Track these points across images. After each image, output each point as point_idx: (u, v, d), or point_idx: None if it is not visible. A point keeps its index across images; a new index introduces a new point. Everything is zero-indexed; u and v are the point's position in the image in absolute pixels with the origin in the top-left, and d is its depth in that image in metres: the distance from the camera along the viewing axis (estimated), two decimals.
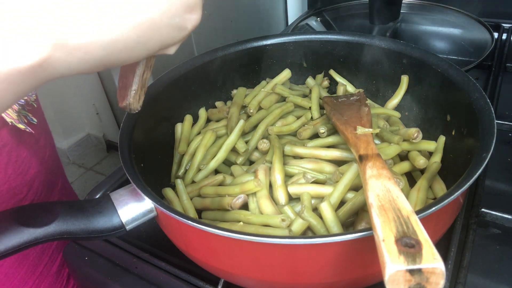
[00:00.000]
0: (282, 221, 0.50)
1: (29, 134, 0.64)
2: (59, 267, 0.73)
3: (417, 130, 0.61)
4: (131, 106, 0.45)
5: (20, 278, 0.67)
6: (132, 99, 0.45)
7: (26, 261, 0.68)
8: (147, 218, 0.48)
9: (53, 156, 0.74)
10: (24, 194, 0.65)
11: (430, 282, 0.30)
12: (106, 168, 2.23)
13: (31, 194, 0.66)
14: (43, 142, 0.70)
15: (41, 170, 0.68)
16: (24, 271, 0.67)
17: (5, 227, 0.42)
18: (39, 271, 0.70)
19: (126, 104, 0.45)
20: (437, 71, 0.62)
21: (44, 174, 0.69)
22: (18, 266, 0.67)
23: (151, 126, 0.64)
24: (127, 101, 0.45)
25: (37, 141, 0.67)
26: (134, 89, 0.44)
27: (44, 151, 0.69)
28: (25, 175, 0.64)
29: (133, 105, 0.45)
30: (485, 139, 0.47)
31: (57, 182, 0.76)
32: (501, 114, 0.78)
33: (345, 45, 0.75)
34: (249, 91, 0.76)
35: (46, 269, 0.71)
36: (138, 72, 0.44)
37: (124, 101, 0.45)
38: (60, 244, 0.74)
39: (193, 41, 1.24)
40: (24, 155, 0.64)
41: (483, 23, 0.99)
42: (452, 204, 0.42)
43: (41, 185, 0.69)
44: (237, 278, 0.49)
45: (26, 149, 0.64)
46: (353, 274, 0.44)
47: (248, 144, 0.67)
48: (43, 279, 0.70)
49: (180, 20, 0.38)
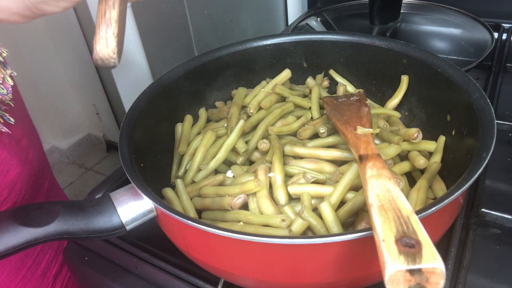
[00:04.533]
0: (282, 221, 0.50)
1: (8, 134, 0.61)
2: (44, 270, 0.72)
3: (417, 130, 0.61)
4: (99, 54, 0.38)
5: (1, 282, 0.65)
6: (97, 45, 0.38)
7: (8, 264, 0.66)
8: (147, 218, 0.48)
9: (39, 157, 0.71)
10: (5, 197, 0.62)
11: (430, 282, 0.30)
12: (106, 168, 2.23)
13: (13, 196, 0.64)
14: (26, 143, 0.67)
15: (23, 171, 0.65)
16: (5, 274, 0.66)
17: (5, 227, 0.42)
18: (22, 274, 0.68)
19: (96, 54, 0.39)
20: (437, 71, 0.62)
21: (28, 175, 0.67)
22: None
23: (151, 126, 0.64)
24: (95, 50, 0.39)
25: (18, 142, 0.65)
26: (99, 33, 0.38)
27: (27, 152, 0.67)
28: (5, 177, 0.62)
29: (102, 52, 0.38)
30: (485, 139, 0.47)
31: (43, 184, 0.73)
32: (501, 114, 0.78)
33: (345, 45, 0.75)
34: (249, 91, 0.76)
35: (30, 272, 0.69)
36: (100, 13, 0.38)
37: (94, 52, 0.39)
38: (46, 246, 0.72)
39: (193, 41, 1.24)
40: (3, 156, 0.61)
41: (483, 23, 0.99)
42: (452, 204, 0.42)
43: (24, 186, 0.66)
44: (237, 278, 0.49)
45: (5, 149, 0.61)
46: (353, 274, 0.44)
47: (248, 144, 0.67)
48: (26, 282, 0.69)
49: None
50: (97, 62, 0.39)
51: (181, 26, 1.18)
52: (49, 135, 2.21)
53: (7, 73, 0.59)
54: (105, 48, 0.38)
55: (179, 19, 1.16)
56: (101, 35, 0.38)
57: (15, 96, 0.64)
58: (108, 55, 0.39)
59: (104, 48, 0.38)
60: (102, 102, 2.08)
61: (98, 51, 0.38)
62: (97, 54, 0.39)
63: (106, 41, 0.38)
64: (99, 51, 0.38)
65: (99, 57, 0.39)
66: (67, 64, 1.98)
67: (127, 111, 0.60)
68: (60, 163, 2.24)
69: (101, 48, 0.38)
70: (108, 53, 0.39)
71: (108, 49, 0.39)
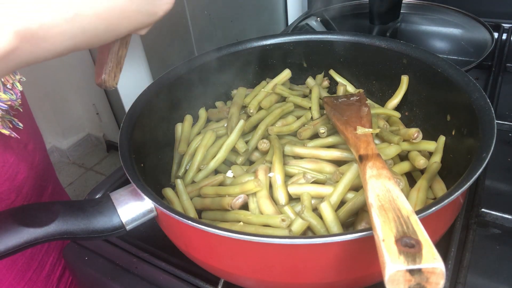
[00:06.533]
0: (282, 221, 0.50)
1: (16, 139, 0.62)
2: (48, 272, 0.72)
3: (417, 130, 0.61)
4: (106, 83, 0.45)
5: (8, 284, 0.66)
6: (107, 76, 0.44)
7: (15, 266, 0.67)
8: (147, 218, 0.48)
9: (44, 161, 0.72)
10: (12, 200, 0.63)
11: (430, 282, 0.30)
12: (106, 168, 2.23)
13: (20, 199, 0.65)
14: (32, 147, 0.68)
15: (30, 175, 0.66)
16: (12, 276, 0.66)
17: (5, 227, 0.42)
18: (28, 276, 0.69)
19: (101, 81, 0.45)
20: (437, 71, 0.62)
21: (34, 179, 0.68)
22: (7, 272, 0.65)
23: (151, 126, 0.64)
24: (102, 77, 0.45)
25: (25, 146, 0.66)
26: (110, 66, 0.44)
27: (33, 155, 0.68)
28: (13, 181, 0.62)
29: (108, 82, 0.45)
30: (485, 139, 0.47)
31: (47, 187, 0.74)
32: (501, 114, 0.78)
33: (345, 45, 0.75)
34: (249, 91, 0.76)
35: (36, 274, 0.70)
36: (113, 50, 0.43)
37: (99, 78, 0.45)
38: (50, 248, 0.73)
39: (193, 41, 1.24)
40: (12, 161, 0.62)
41: (483, 23, 0.99)
42: (452, 204, 0.42)
43: (30, 190, 0.67)
44: (237, 278, 0.49)
45: (13, 154, 0.62)
46: (353, 274, 0.44)
47: (248, 144, 0.67)
48: (33, 284, 0.69)
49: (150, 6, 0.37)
50: (100, 86, 0.45)
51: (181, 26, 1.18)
52: (49, 135, 2.21)
53: (16, 78, 0.59)
54: (111, 81, 0.45)
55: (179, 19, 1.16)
56: (111, 69, 0.44)
57: (22, 101, 0.65)
58: (112, 85, 0.46)
59: (111, 80, 0.45)
60: (102, 102, 2.08)
61: (104, 80, 0.44)
62: (103, 83, 0.45)
63: (114, 75, 0.45)
64: (106, 81, 0.45)
65: (104, 85, 0.45)
66: (67, 64, 1.98)
67: (127, 111, 0.60)
68: (60, 163, 2.25)
69: (108, 79, 0.44)
70: (113, 84, 0.45)
71: (114, 81, 0.45)
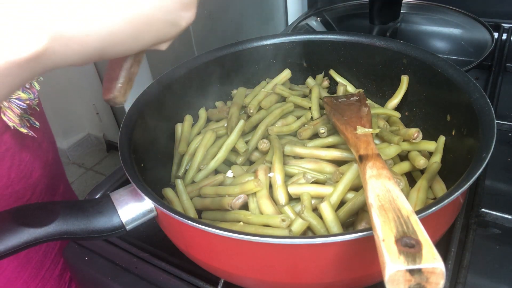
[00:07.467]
0: (282, 221, 0.50)
1: (32, 137, 0.64)
2: (61, 271, 0.73)
3: (417, 130, 0.61)
4: (115, 99, 0.44)
5: (23, 282, 0.67)
6: (117, 92, 0.44)
7: (29, 265, 0.68)
8: (147, 218, 0.48)
9: (56, 160, 0.74)
10: (28, 198, 0.65)
11: (430, 282, 0.30)
12: (106, 168, 2.23)
13: (35, 197, 0.66)
14: (46, 146, 0.69)
15: (44, 174, 0.68)
16: (27, 275, 0.67)
17: (5, 227, 0.42)
18: (42, 274, 0.70)
19: (111, 97, 0.44)
20: (437, 71, 0.62)
21: (47, 177, 0.69)
22: (21, 270, 0.66)
23: (151, 126, 0.64)
24: (112, 94, 0.44)
25: (40, 144, 0.67)
26: (121, 83, 0.43)
27: (47, 154, 0.69)
28: (28, 179, 0.64)
29: (118, 99, 0.44)
30: (485, 139, 0.47)
31: (59, 185, 0.75)
32: (501, 114, 0.78)
33: (345, 45, 0.75)
34: (249, 91, 0.76)
35: (49, 272, 0.71)
36: (126, 66, 0.43)
37: (109, 94, 0.44)
38: (62, 247, 0.74)
39: (193, 41, 1.24)
40: (27, 159, 0.63)
41: (483, 23, 0.99)
42: (452, 204, 0.42)
43: (44, 188, 0.68)
44: (237, 278, 0.49)
45: (29, 152, 0.64)
46: (353, 274, 0.44)
47: (248, 144, 0.67)
48: (46, 282, 0.70)
49: (174, 16, 0.38)
50: (108, 102, 0.44)
51: None
52: None
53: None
54: (122, 97, 0.44)
55: None
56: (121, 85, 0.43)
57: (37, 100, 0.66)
58: (121, 102, 0.44)
59: (121, 97, 0.44)
60: (102, 102, 2.08)
61: (114, 96, 0.43)
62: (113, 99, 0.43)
63: (125, 92, 0.44)
64: (115, 98, 0.43)
65: (113, 101, 0.44)
66: None
67: (127, 111, 0.60)
68: None
69: (118, 96, 0.43)
70: (122, 100, 0.44)
71: (124, 98, 0.44)
